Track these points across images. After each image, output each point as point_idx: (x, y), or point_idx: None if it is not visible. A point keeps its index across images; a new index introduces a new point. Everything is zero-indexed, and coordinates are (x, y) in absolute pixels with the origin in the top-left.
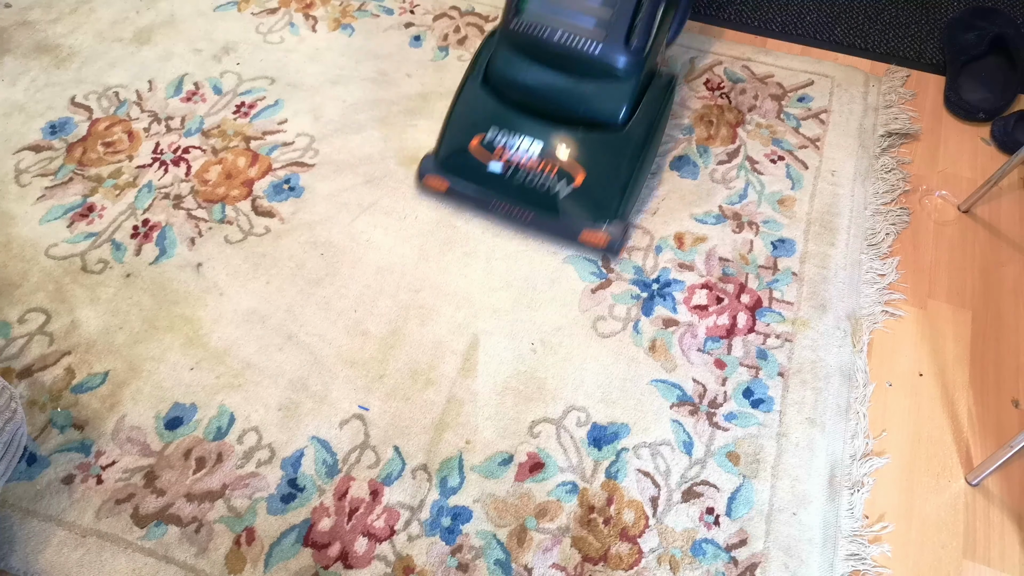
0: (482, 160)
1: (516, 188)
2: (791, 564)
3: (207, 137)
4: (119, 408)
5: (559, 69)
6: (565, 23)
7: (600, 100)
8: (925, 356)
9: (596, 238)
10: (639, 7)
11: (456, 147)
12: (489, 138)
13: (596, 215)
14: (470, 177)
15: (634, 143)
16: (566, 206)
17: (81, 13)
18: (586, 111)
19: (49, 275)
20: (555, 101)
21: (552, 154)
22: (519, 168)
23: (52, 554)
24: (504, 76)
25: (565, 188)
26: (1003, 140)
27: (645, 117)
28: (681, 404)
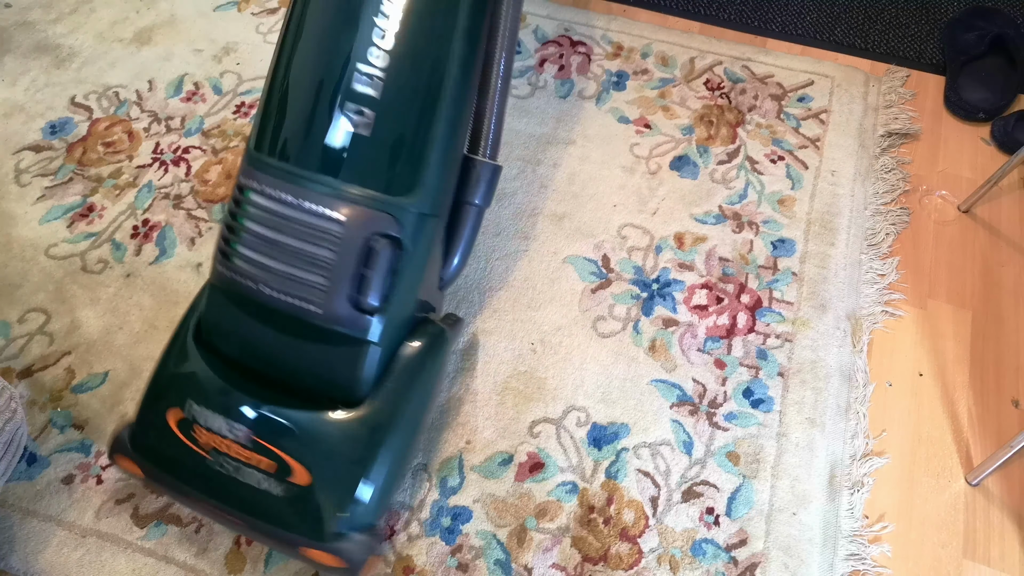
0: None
1: (222, 485)
2: (791, 564)
3: (207, 137)
4: (119, 408)
5: (277, 325)
6: (278, 273)
7: (329, 370)
8: (925, 356)
9: (322, 557)
10: (367, 255)
11: (151, 422)
12: (187, 417)
13: (321, 527)
14: (168, 464)
15: (373, 428)
16: (284, 511)
17: (81, 13)
18: (314, 382)
19: (49, 275)
20: (274, 366)
21: (264, 443)
22: (224, 457)
23: (52, 554)
24: (212, 327)
25: (279, 487)
26: (1003, 140)
27: (393, 392)
28: (681, 404)
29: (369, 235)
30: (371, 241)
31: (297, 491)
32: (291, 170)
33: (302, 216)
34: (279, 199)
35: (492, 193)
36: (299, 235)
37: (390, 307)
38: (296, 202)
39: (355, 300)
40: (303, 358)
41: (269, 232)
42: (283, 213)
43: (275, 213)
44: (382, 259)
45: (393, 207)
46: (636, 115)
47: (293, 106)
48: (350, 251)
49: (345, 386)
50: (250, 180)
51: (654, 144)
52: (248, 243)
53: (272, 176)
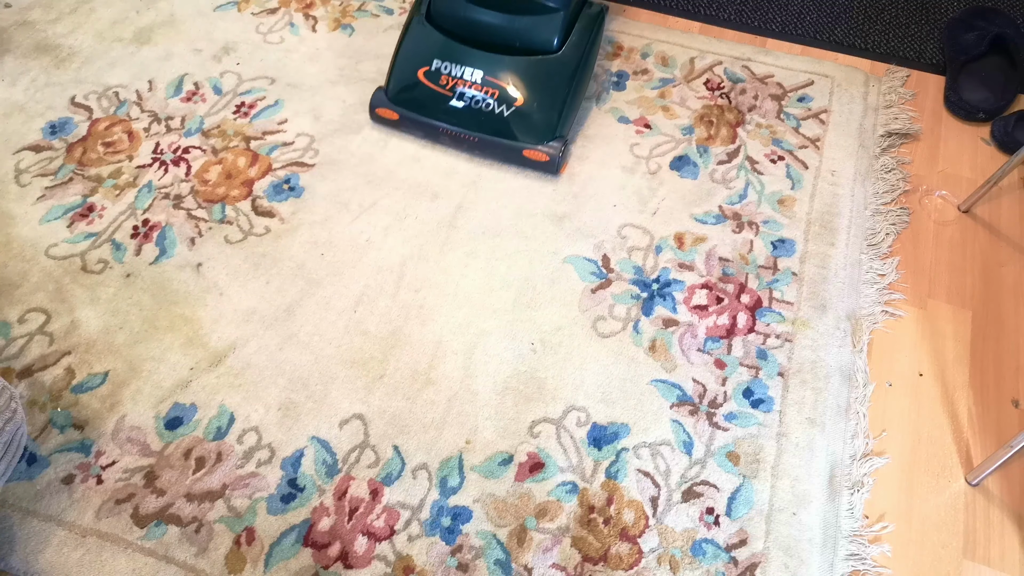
0: (429, 88)
1: (462, 113)
2: (791, 564)
3: (207, 137)
4: (119, 408)
5: (496, 5)
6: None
7: (534, 31)
8: (925, 356)
9: (538, 155)
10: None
11: (404, 79)
12: (434, 68)
13: (537, 135)
14: (419, 106)
15: (568, 67)
16: (508, 128)
17: (81, 13)
18: (522, 42)
19: (49, 275)
20: (493, 34)
21: (493, 80)
22: (463, 94)
23: (52, 554)
24: (445, 12)
25: (507, 110)
26: (1003, 140)
27: (577, 44)
28: (681, 404)
29: None
30: None
31: (517, 112)
32: None
33: None
34: None
35: None
36: None
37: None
38: None
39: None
40: (512, 26)
41: None
42: None
43: None
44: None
45: None
46: (636, 115)
47: None
48: None
49: (545, 42)
50: None
51: (654, 144)
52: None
53: None
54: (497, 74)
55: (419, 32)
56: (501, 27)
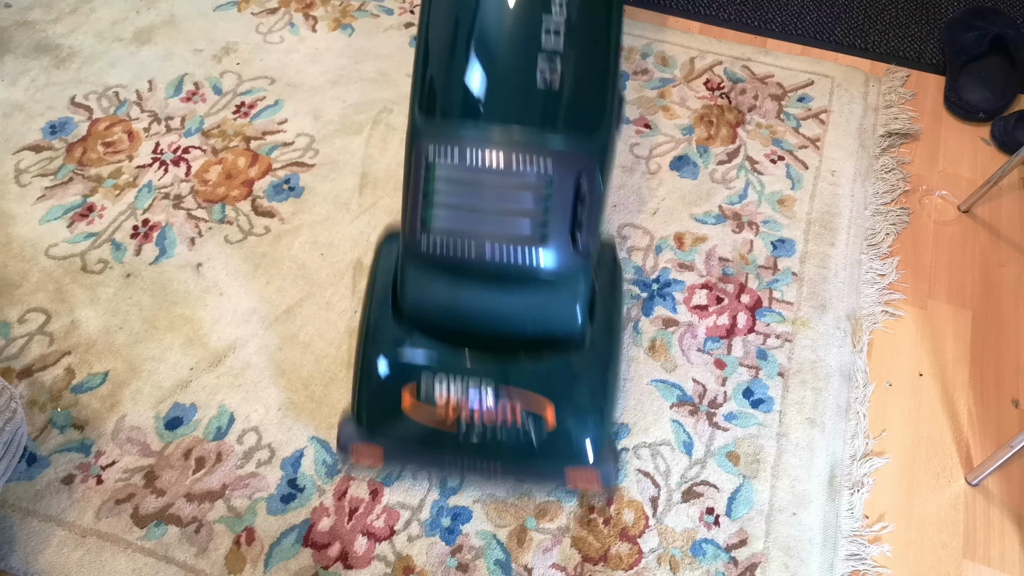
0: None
1: (474, 443)
2: (791, 564)
3: (207, 137)
4: (119, 408)
5: (491, 287)
6: (490, 233)
7: (550, 314)
8: (925, 356)
9: (586, 479)
10: (580, 196)
11: (383, 406)
12: (424, 391)
13: (578, 453)
14: (411, 440)
15: (600, 352)
16: (540, 451)
17: (81, 13)
18: (536, 330)
19: (49, 275)
20: (494, 325)
21: (510, 394)
22: (473, 421)
23: (52, 554)
24: (424, 306)
25: (535, 430)
26: (1003, 140)
27: (604, 315)
28: (681, 404)
29: (577, 175)
30: (580, 181)
31: (548, 430)
32: (485, 127)
33: (509, 170)
34: (480, 158)
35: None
36: (510, 192)
37: (594, 241)
38: (502, 161)
39: (572, 240)
40: (519, 308)
41: (475, 196)
42: (487, 171)
43: (477, 173)
44: (591, 198)
45: (588, 144)
46: (636, 115)
47: (479, 64)
48: (564, 194)
49: (567, 324)
50: (439, 144)
51: (654, 144)
52: (449, 208)
53: (465, 136)
54: (514, 387)
55: (388, 334)
56: (503, 316)
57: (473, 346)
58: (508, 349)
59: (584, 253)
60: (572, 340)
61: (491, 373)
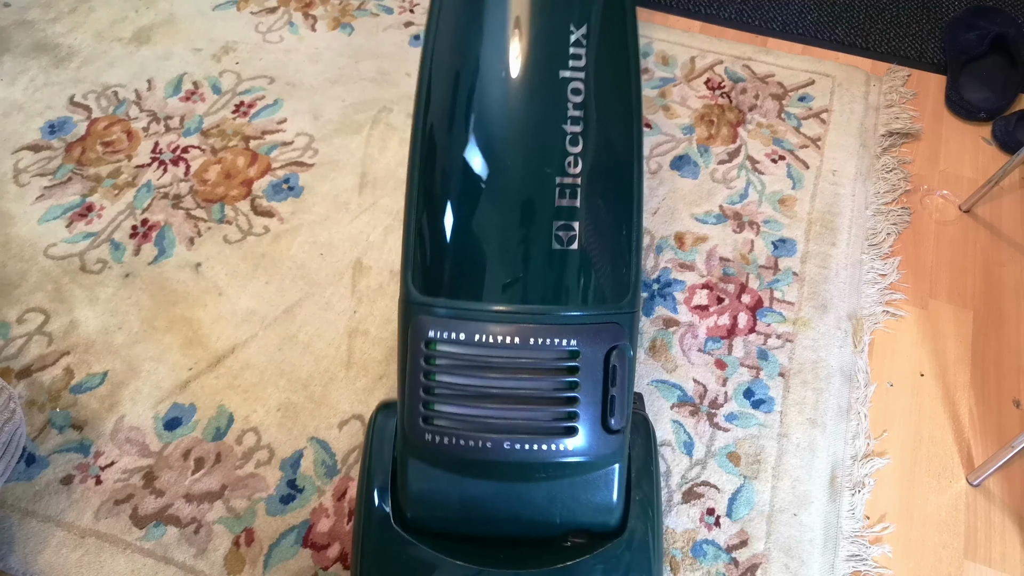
0: None
1: None
2: (792, 565)
3: (206, 137)
4: (118, 408)
5: (514, 479)
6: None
7: (585, 505)
8: (926, 356)
9: None
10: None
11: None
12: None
13: None
14: None
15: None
16: None
17: (80, 12)
18: (567, 524)
19: (48, 275)
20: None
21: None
22: None
23: (51, 555)
24: (431, 510)
25: None
26: (1004, 140)
27: (644, 498)
28: (682, 404)
29: (607, 352)
30: (610, 355)
31: None
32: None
33: (529, 351)
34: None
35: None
36: (530, 374)
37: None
38: (518, 339)
39: (605, 424)
40: (547, 504)
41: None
42: (503, 354)
43: (493, 358)
44: (623, 373)
45: (617, 315)
46: None
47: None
48: (594, 375)
49: (603, 515)
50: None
51: (655, 144)
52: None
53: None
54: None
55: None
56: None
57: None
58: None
59: (618, 436)
60: (608, 529)
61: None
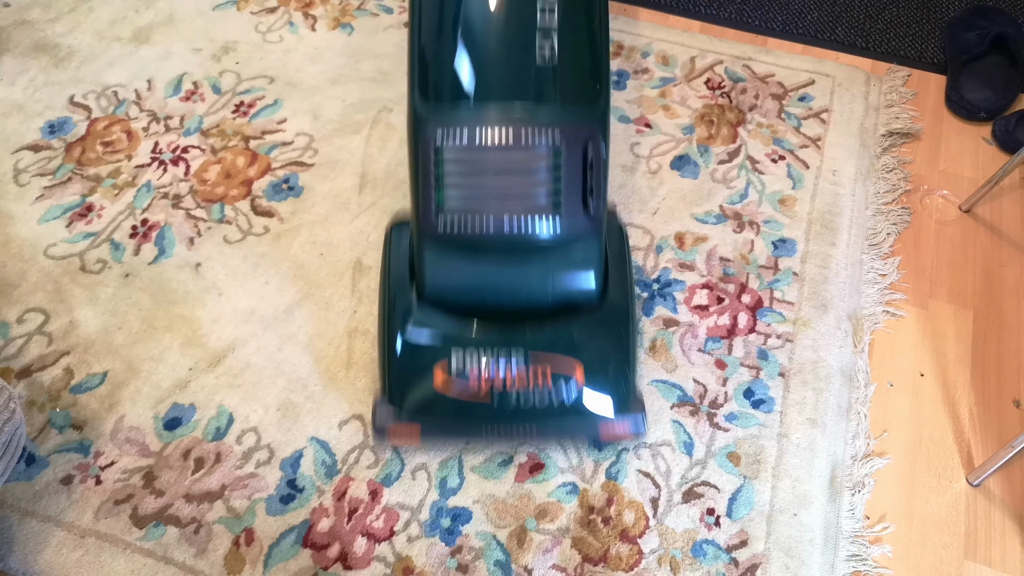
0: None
1: (508, 409)
2: (792, 565)
3: (206, 136)
4: (118, 408)
5: (508, 259)
6: (506, 206)
7: (569, 279)
8: (926, 356)
9: (618, 431)
10: (589, 162)
11: (416, 386)
12: (456, 366)
13: (609, 407)
14: (446, 415)
15: (618, 309)
16: (572, 408)
17: (80, 12)
18: (556, 296)
19: (48, 275)
20: (516, 296)
21: (539, 360)
22: (506, 389)
23: (51, 555)
24: (446, 285)
25: (567, 390)
26: (1004, 140)
27: (617, 274)
28: (681, 404)
29: (584, 143)
30: (587, 149)
31: (578, 388)
32: (492, 110)
33: (519, 145)
34: (489, 137)
35: None
36: (520, 164)
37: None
38: (510, 137)
39: (584, 206)
40: (538, 277)
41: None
42: (496, 148)
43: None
44: (598, 163)
45: (592, 114)
46: (637, 114)
47: (478, 47)
48: (574, 165)
49: (585, 287)
50: (445, 128)
51: (655, 143)
52: (463, 188)
53: (473, 121)
54: (542, 353)
55: (418, 319)
56: (524, 286)
57: (497, 319)
58: (531, 317)
59: (596, 217)
60: (590, 301)
61: (518, 342)
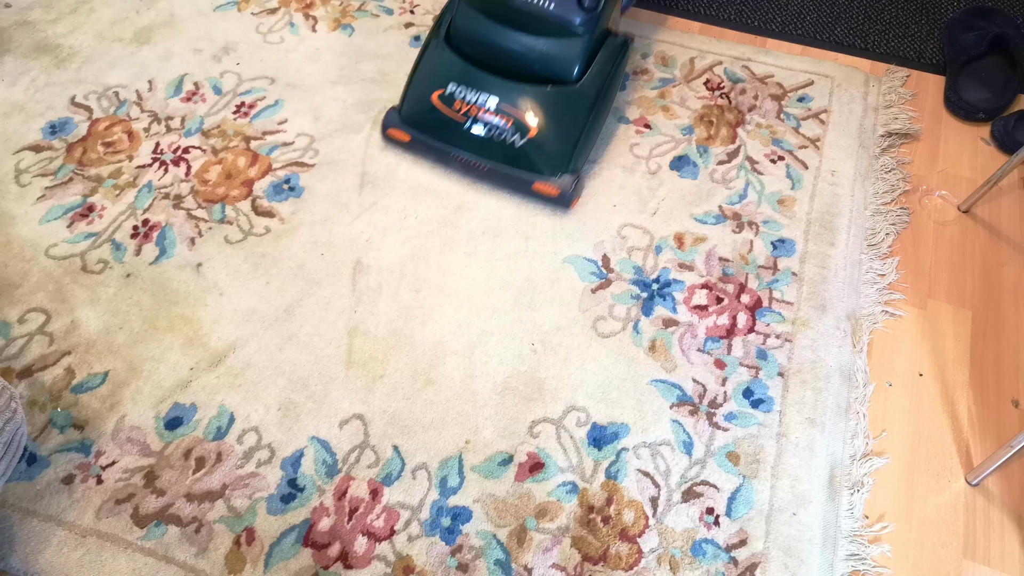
0: (442, 112)
1: (475, 140)
2: (791, 564)
3: (207, 137)
4: (119, 408)
5: (517, 27)
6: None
7: (554, 57)
8: (925, 356)
9: (548, 189)
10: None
11: (418, 102)
12: (449, 92)
13: (548, 167)
14: (431, 130)
15: (586, 98)
16: (520, 158)
17: (81, 13)
18: (541, 68)
19: (49, 275)
20: (512, 58)
21: (508, 107)
22: (478, 120)
23: (52, 554)
24: (464, 34)
25: (520, 140)
26: (1003, 140)
27: (598, 74)
28: (681, 404)
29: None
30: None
31: (531, 143)
32: None
33: None
34: None
35: None
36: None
37: (602, 11)
38: None
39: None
40: (533, 50)
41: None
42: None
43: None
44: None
45: None
46: (636, 115)
47: None
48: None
49: (565, 70)
50: None
51: (654, 144)
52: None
53: None
54: (513, 102)
55: (437, 55)
56: (521, 53)
57: (494, 71)
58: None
59: (588, 11)
60: (569, 82)
61: (500, 90)
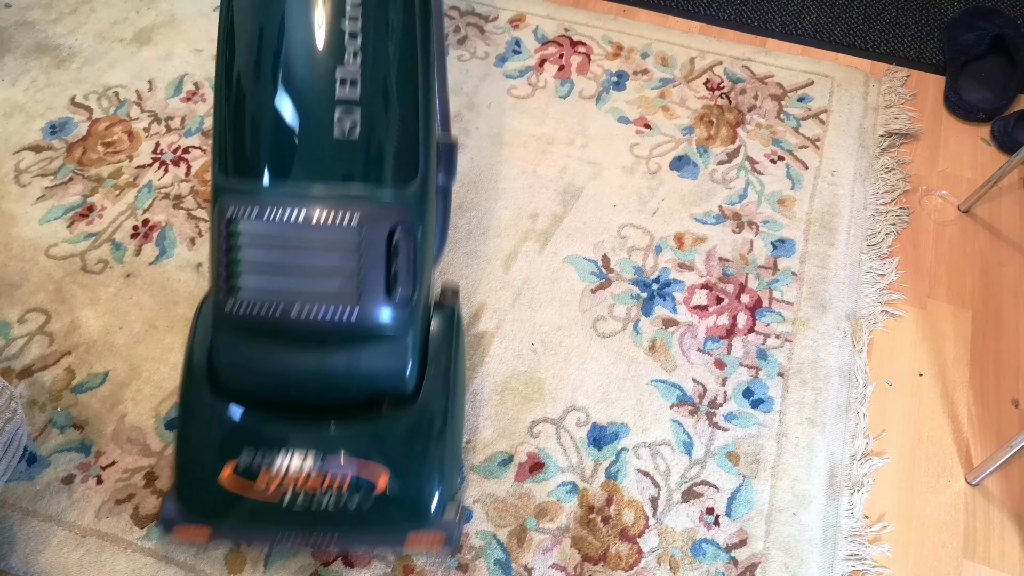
0: (244, 493)
1: (301, 515)
2: (791, 564)
3: (207, 137)
4: (119, 408)
5: (311, 346)
6: (299, 292)
7: (376, 373)
8: (925, 356)
9: (429, 540)
10: (393, 248)
11: (203, 484)
12: (244, 463)
13: (416, 517)
14: (236, 517)
15: (435, 411)
16: (376, 515)
17: (81, 13)
18: (362, 390)
19: (49, 275)
20: (318, 388)
21: (334, 463)
22: (297, 492)
23: (52, 554)
24: (239, 373)
25: (367, 500)
26: (1003, 140)
27: (439, 369)
28: (681, 404)
29: (391, 227)
30: (393, 233)
31: (382, 500)
32: (288, 186)
33: (315, 229)
34: (285, 219)
35: (454, 169)
36: (317, 248)
37: (418, 295)
38: (305, 217)
39: (389, 296)
40: (342, 370)
41: (280, 255)
42: (292, 231)
43: (283, 234)
44: (406, 250)
45: (401, 197)
46: (636, 115)
47: (273, 121)
48: (376, 250)
49: (395, 383)
50: (240, 207)
51: (654, 144)
52: (257, 272)
53: (267, 198)
54: (338, 453)
55: (205, 408)
56: (326, 377)
57: (297, 412)
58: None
59: (403, 307)
60: (403, 397)
61: (316, 440)
